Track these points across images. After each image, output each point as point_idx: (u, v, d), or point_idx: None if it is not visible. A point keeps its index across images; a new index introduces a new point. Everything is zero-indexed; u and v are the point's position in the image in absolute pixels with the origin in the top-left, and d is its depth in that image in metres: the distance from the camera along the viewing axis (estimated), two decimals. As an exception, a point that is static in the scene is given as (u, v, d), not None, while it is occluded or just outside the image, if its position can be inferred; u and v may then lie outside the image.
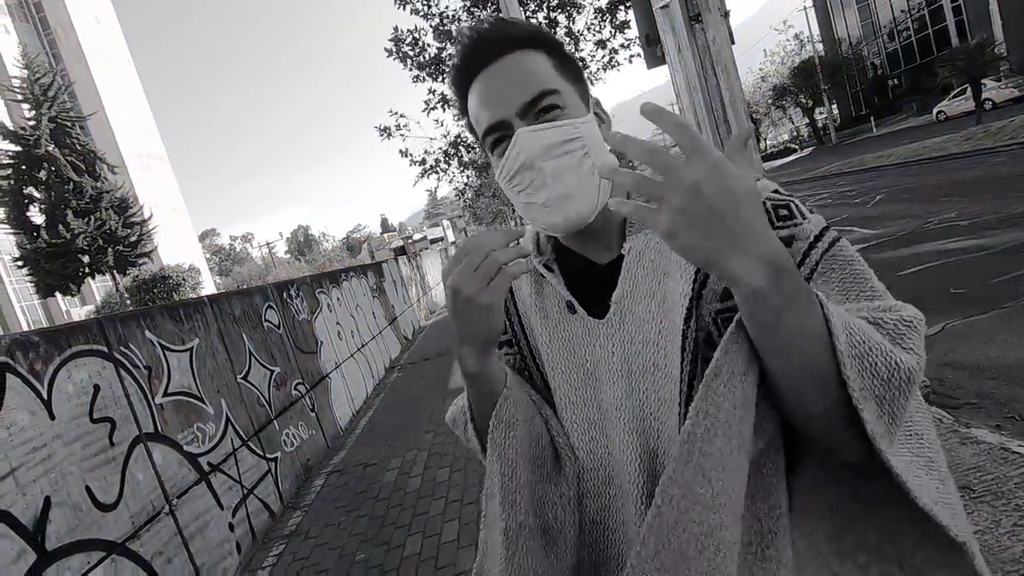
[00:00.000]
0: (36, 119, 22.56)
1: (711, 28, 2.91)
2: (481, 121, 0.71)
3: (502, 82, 0.68)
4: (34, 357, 2.63)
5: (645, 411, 0.68)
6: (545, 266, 0.78)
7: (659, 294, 0.68)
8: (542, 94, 0.67)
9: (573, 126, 0.68)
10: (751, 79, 45.81)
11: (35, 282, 23.08)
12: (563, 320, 0.76)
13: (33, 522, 2.34)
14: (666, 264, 0.69)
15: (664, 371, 0.66)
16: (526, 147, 0.66)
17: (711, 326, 0.64)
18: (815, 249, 0.62)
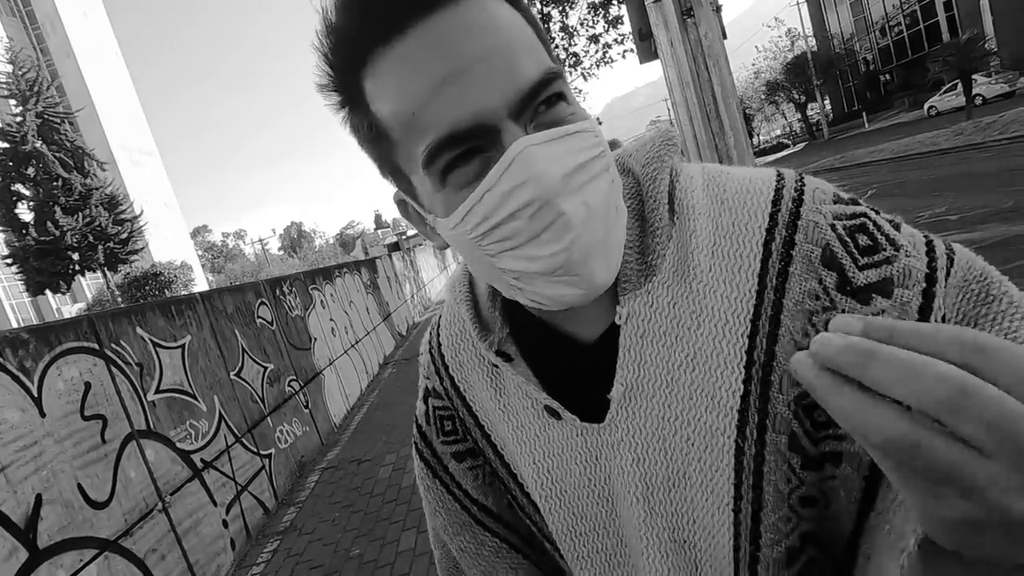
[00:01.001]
0: (23, 115, 22.31)
1: (703, 23, 2.91)
2: (421, 128, 0.39)
3: (471, 49, 0.37)
4: (24, 354, 2.61)
5: (678, 536, 0.46)
6: (500, 353, 0.52)
7: (682, 383, 0.45)
8: (547, 77, 0.39)
9: (594, 133, 0.41)
10: (744, 74, 45.95)
11: (24, 280, 22.89)
12: (545, 428, 0.51)
13: (24, 520, 2.33)
14: (688, 337, 0.45)
15: (699, 487, 0.45)
16: (538, 175, 0.37)
17: (793, 422, 0.41)
18: (936, 291, 0.40)
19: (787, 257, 0.43)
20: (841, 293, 0.41)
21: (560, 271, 0.40)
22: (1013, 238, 5.23)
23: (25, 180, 22.53)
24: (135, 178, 42.40)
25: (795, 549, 0.43)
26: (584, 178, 0.40)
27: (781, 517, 0.42)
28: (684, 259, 0.46)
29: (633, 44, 3.41)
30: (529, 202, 0.38)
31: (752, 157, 2.97)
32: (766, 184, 0.47)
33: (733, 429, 0.43)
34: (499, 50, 0.38)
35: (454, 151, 0.39)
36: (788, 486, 0.42)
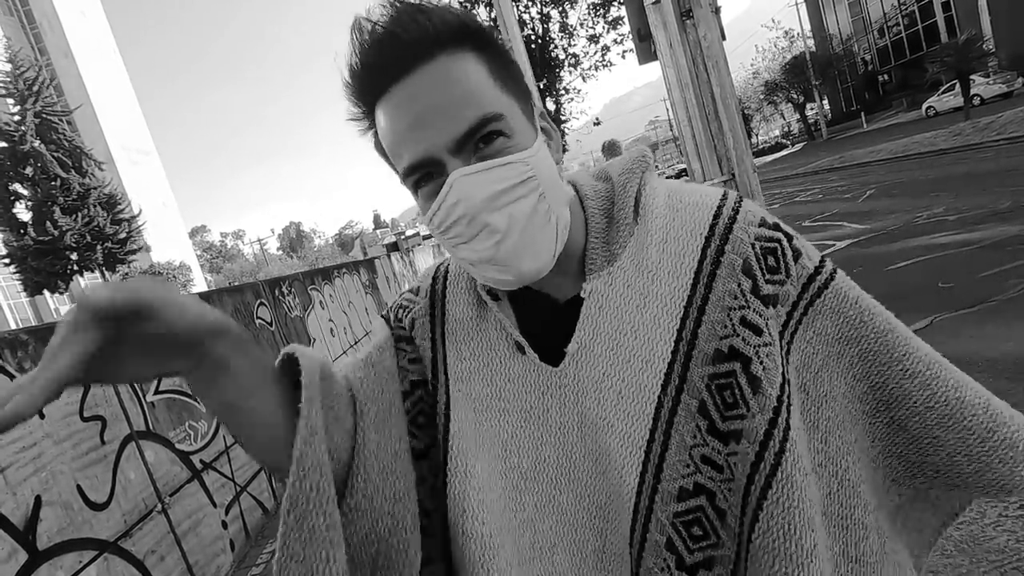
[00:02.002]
0: (21, 114, 22.25)
1: (702, 24, 2.92)
2: (398, 154, 0.55)
3: (426, 104, 0.52)
4: (22, 355, 2.60)
5: (598, 467, 0.57)
6: (491, 293, 0.64)
7: (624, 348, 0.57)
8: (482, 122, 0.52)
9: (524, 163, 0.54)
10: (742, 75, 45.97)
11: (23, 280, 22.82)
12: (509, 358, 0.62)
13: (24, 522, 2.33)
14: (635, 314, 0.58)
15: (619, 433, 0.56)
16: (466, 196, 0.52)
17: (704, 392, 0.55)
18: (796, 309, 0.58)
19: (717, 262, 0.58)
20: (754, 296, 0.57)
21: (493, 262, 0.55)
22: (1011, 238, 5.25)
23: (23, 180, 22.46)
24: (133, 178, 42.31)
25: (687, 491, 0.55)
26: (509, 199, 0.53)
27: (680, 460, 0.55)
28: (640, 251, 0.60)
29: (632, 45, 3.42)
30: (462, 215, 0.53)
31: (751, 157, 2.97)
32: (712, 200, 0.62)
33: (658, 387, 0.56)
34: (447, 103, 0.52)
35: (418, 174, 0.55)
36: (693, 440, 0.55)
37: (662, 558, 0.55)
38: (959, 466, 0.61)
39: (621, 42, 9.83)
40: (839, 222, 8.74)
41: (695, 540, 0.55)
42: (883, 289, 5.33)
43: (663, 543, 0.55)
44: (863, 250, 6.60)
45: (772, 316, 0.56)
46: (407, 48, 0.52)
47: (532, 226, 0.54)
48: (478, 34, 0.55)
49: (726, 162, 2.96)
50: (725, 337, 0.56)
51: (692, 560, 0.55)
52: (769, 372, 0.54)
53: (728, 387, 0.55)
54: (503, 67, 0.56)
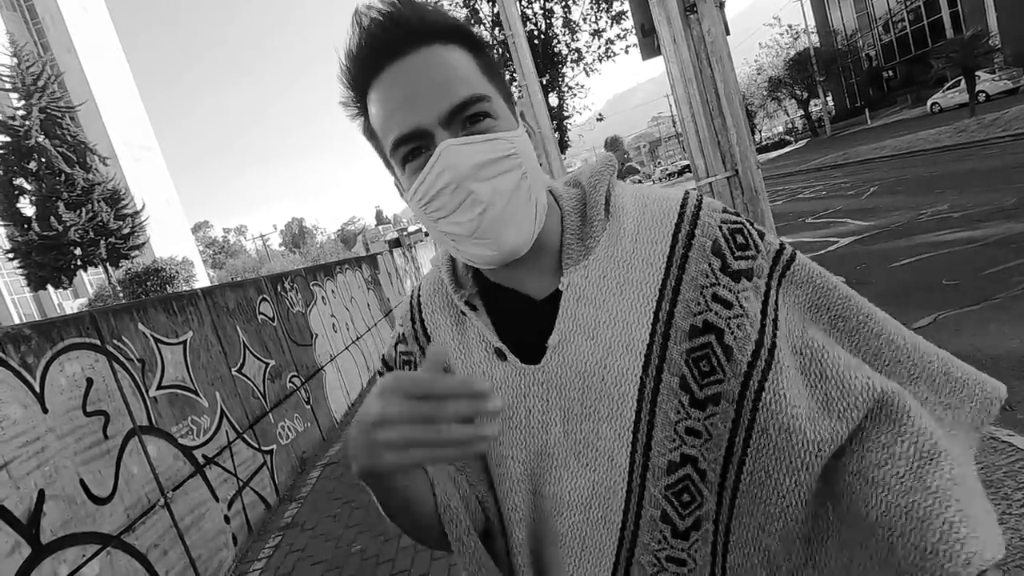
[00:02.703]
0: (27, 109, 22.28)
1: (706, 19, 2.90)
2: (389, 128, 0.58)
3: (420, 81, 0.55)
4: (26, 350, 2.61)
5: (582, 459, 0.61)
6: (468, 303, 0.68)
7: (604, 336, 0.60)
8: (472, 99, 0.56)
9: (508, 140, 0.58)
10: (746, 71, 45.73)
11: (26, 275, 22.90)
12: (490, 366, 0.65)
13: (27, 516, 2.34)
14: (612, 302, 0.61)
15: (605, 418, 0.60)
16: (453, 164, 0.55)
17: (684, 368, 0.59)
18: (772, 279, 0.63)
19: (688, 245, 0.62)
20: (723, 274, 0.61)
21: (475, 234, 0.57)
22: (1016, 236, 5.22)
23: (27, 174, 22.51)
24: (136, 174, 42.37)
25: (675, 463, 0.59)
26: (494, 171, 0.56)
27: (667, 436, 0.59)
28: (614, 244, 0.64)
29: (635, 40, 3.40)
30: (448, 183, 0.56)
31: (754, 154, 2.96)
32: (676, 195, 0.67)
33: (639, 368, 0.59)
34: (438, 82, 0.56)
35: (407, 147, 0.57)
36: (676, 416, 0.59)
37: (658, 531, 0.60)
38: None
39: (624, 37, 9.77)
40: (842, 219, 8.70)
41: (685, 507, 0.60)
42: (886, 286, 5.33)
43: (658, 516, 0.60)
44: (867, 247, 6.58)
45: (745, 289, 0.60)
46: (404, 32, 0.56)
47: (515, 200, 0.58)
48: (470, 36, 0.60)
49: (729, 158, 2.95)
50: (699, 313, 0.60)
51: (684, 526, 0.60)
52: (739, 341, 0.59)
53: (705, 357, 0.59)
54: (491, 66, 0.61)
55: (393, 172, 0.64)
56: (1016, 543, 1.91)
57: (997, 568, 0.50)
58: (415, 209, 0.61)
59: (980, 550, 0.48)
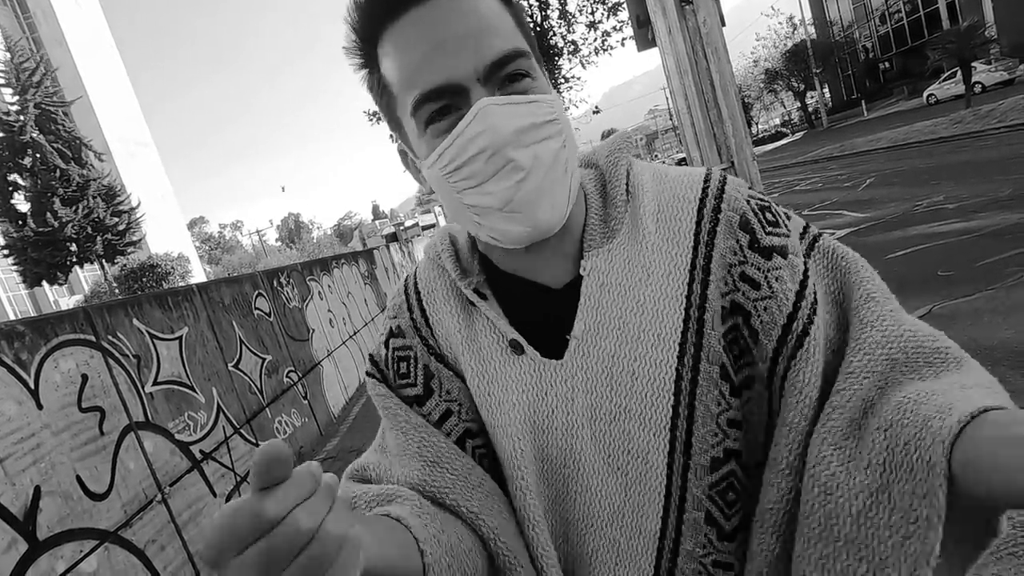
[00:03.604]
0: (21, 105, 22.10)
1: (702, 10, 2.88)
2: (412, 81, 0.50)
3: (453, 28, 0.48)
4: (19, 346, 2.60)
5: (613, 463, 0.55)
6: (476, 291, 0.60)
7: (632, 326, 0.54)
8: (513, 54, 0.49)
9: (550, 104, 0.51)
10: (743, 63, 45.66)
11: (22, 271, 22.78)
12: (505, 362, 0.57)
13: (23, 512, 2.33)
14: (639, 288, 0.55)
15: (638, 416, 0.53)
16: (493, 127, 0.47)
17: (724, 356, 0.53)
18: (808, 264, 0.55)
19: (715, 220, 0.56)
20: (752, 250, 0.54)
21: (509, 207, 0.50)
22: (1012, 226, 5.23)
23: (22, 170, 22.35)
24: (131, 169, 42.13)
25: (719, 459, 0.53)
26: (535, 137, 0.50)
27: (709, 431, 0.53)
28: (636, 226, 0.58)
29: (632, 32, 3.38)
30: (484, 148, 0.48)
31: (750, 145, 2.95)
32: (698, 173, 0.61)
33: (674, 359, 0.53)
34: (474, 31, 0.48)
35: (434, 104, 0.50)
36: (718, 408, 0.53)
37: (703, 534, 0.54)
38: None
39: (620, 29, 9.74)
40: (839, 211, 8.71)
41: (731, 506, 0.54)
42: (882, 277, 5.31)
43: (702, 519, 0.54)
44: (863, 239, 6.59)
45: (778, 268, 0.53)
46: None
47: (554, 171, 0.51)
48: None
49: (725, 150, 2.94)
50: (727, 294, 0.54)
51: (731, 527, 0.54)
52: (766, 325, 0.52)
53: (735, 341, 0.54)
54: (523, 20, 0.54)
55: (401, 135, 0.57)
56: (1009, 531, 1.92)
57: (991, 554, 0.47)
58: (434, 177, 0.53)
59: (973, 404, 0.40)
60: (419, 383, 0.61)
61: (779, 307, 0.52)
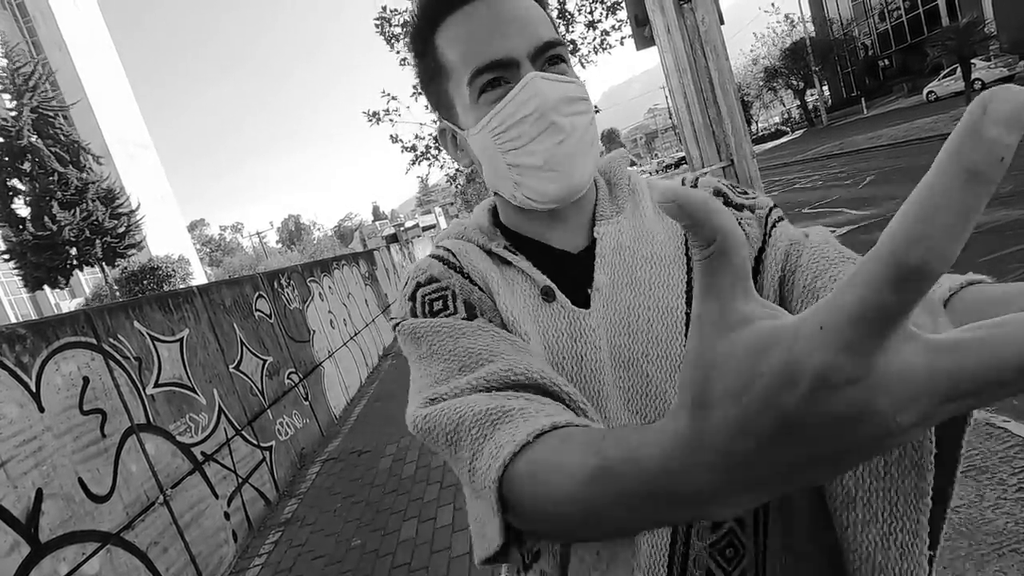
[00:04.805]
0: (18, 109, 22.12)
1: (700, 8, 2.88)
2: (472, 55, 0.59)
3: (509, 14, 0.59)
4: (21, 350, 2.60)
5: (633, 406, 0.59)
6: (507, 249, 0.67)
7: (643, 280, 0.62)
8: (555, 41, 0.61)
9: (582, 86, 0.63)
10: (742, 61, 45.61)
11: (22, 275, 22.80)
12: (537, 308, 0.62)
13: (25, 515, 2.34)
14: (645, 248, 0.64)
15: (655, 359, 0.59)
16: (541, 93, 0.58)
17: None
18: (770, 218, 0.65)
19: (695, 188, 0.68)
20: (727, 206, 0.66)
21: (548, 164, 0.60)
22: (1012, 222, 5.23)
23: (21, 175, 22.36)
24: (131, 172, 42.15)
25: None
26: (573, 109, 0.60)
27: None
28: (637, 207, 0.69)
29: (630, 31, 3.38)
30: (533, 111, 0.58)
31: (750, 144, 2.95)
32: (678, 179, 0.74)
33: (683, 304, 0.60)
34: (528, 19, 0.59)
35: (490, 75, 0.59)
36: None
37: None
38: None
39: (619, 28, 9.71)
40: (839, 208, 8.70)
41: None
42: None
43: None
44: (863, 236, 6.58)
45: (748, 219, 0.65)
46: None
47: (584, 140, 0.61)
48: None
49: (724, 148, 2.94)
50: None
51: None
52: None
53: None
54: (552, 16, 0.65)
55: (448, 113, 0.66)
56: (1011, 527, 1.92)
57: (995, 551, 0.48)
58: (481, 142, 0.62)
59: None
60: (461, 311, 0.61)
61: (752, 244, 0.63)
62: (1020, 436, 2.35)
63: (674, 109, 3.11)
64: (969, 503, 2.08)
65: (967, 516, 2.03)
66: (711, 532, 0.58)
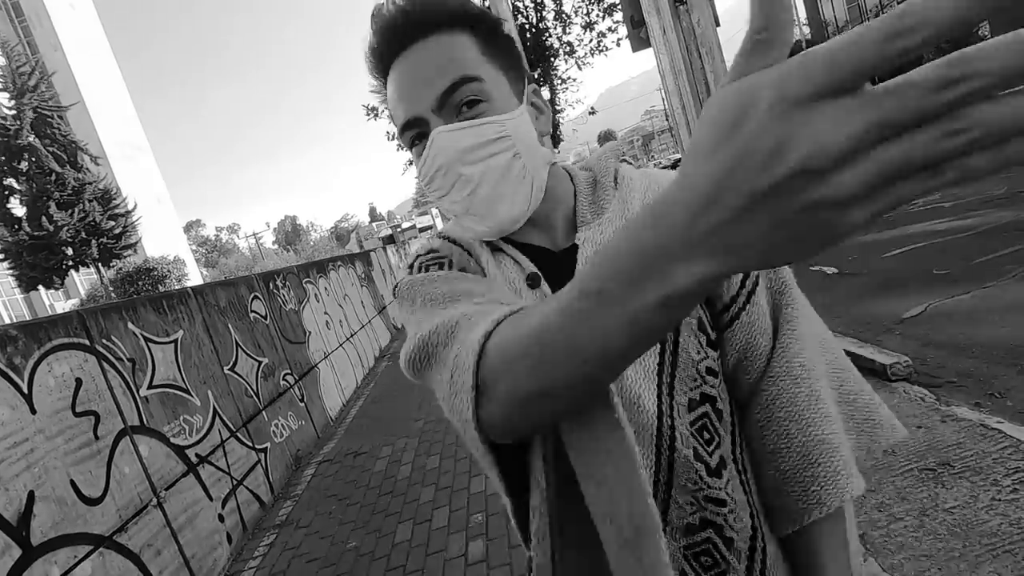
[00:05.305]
0: (17, 109, 22.04)
1: (696, 10, 2.89)
2: (396, 117, 0.63)
3: (417, 71, 0.60)
4: (12, 351, 2.58)
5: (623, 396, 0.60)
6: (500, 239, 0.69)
7: None
8: (460, 81, 0.59)
9: (499, 123, 0.60)
10: (739, 63, 45.74)
11: (17, 276, 22.69)
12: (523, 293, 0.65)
13: (17, 517, 2.32)
14: None
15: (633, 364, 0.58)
16: (443, 149, 0.59)
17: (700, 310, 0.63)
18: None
19: None
20: None
21: (469, 212, 0.63)
22: (1006, 225, 5.25)
23: (17, 175, 22.28)
24: (127, 173, 42.02)
25: (695, 401, 0.62)
26: (483, 153, 0.60)
27: (688, 375, 0.61)
28: (623, 205, 0.67)
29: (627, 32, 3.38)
30: (440, 167, 0.61)
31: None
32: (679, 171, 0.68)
33: None
34: (431, 72, 0.59)
35: (411, 132, 0.62)
36: (697, 356, 0.62)
37: (694, 470, 0.60)
38: None
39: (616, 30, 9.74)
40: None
41: (708, 444, 0.61)
42: (879, 276, 5.34)
43: (691, 456, 0.60)
44: (859, 238, 6.60)
45: None
46: (410, 26, 0.60)
47: (506, 180, 0.61)
48: (475, 17, 0.62)
49: (720, 149, 2.95)
50: None
51: (714, 463, 0.61)
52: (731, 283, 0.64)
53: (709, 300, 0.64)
54: (494, 44, 0.63)
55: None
56: (1005, 528, 1.92)
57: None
58: (422, 186, 0.66)
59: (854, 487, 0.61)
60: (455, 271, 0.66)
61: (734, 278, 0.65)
62: (1014, 437, 2.36)
63: (670, 110, 3.11)
64: (963, 504, 2.08)
65: (961, 517, 2.03)
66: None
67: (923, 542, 1.97)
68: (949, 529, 1.99)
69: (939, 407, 2.73)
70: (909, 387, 3.03)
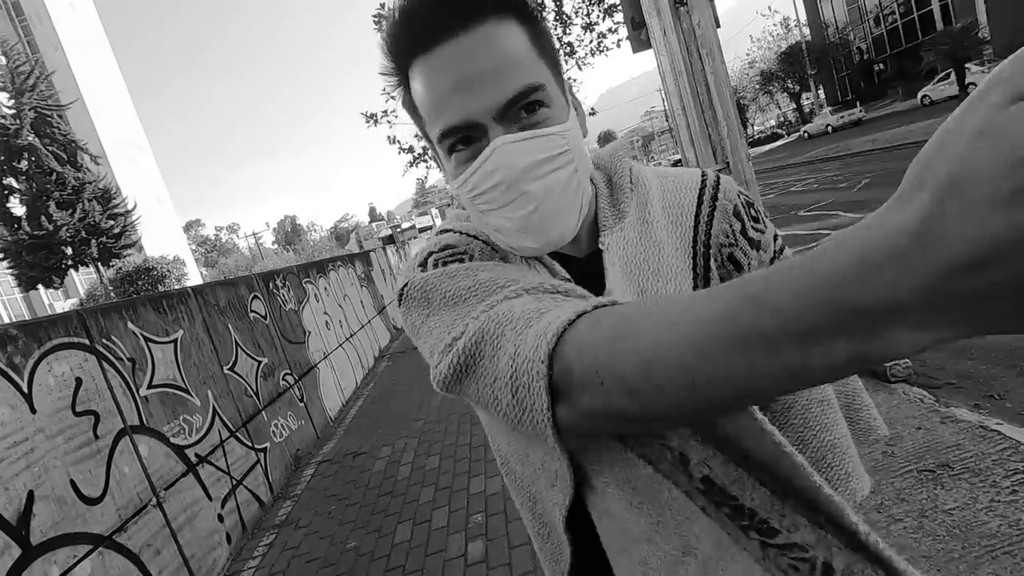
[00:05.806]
0: (17, 108, 22.02)
1: (696, 11, 2.89)
2: (437, 116, 0.55)
3: (473, 67, 0.51)
4: (12, 350, 2.58)
5: None
6: None
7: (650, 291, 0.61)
8: (528, 90, 0.53)
9: (561, 135, 0.55)
10: (738, 64, 45.82)
11: (16, 275, 22.68)
12: None
13: (16, 517, 2.32)
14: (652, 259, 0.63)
15: None
16: (507, 164, 0.53)
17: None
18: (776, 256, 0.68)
19: (713, 206, 0.67)
20: (743, 237, 0.67)
21: (523, 229, 0.56)
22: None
23: (17, 174, 22.27)
24: (126, 173, 42.00)
25: None
26: (548, 168, 0.55)
27: None
28: (643, 208, 0.66)
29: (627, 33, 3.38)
30: (500, 181, 0.54)
31: (745, 146, 2.96)
32: (695, 170, 0.71)
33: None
34: (492, 70, 0.52)
35: (456, 137, 0.55)
36: None
37: None
38: None
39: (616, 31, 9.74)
40: (834, 211, 8.73)
41: None
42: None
43: None
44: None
45: (755, 258, 0.67)
46: (458, 7, 0.52)
47: (564, 197, 0.56)
48: (523, 4, 0.55)
49: (720, 151, 2.95)
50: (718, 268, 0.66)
51: None
52: None
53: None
54: (542, 38, 0.57)
55: (433, 148, 0.62)
56: (1004, 530, 1.93)
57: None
58: (462, 196, 0.58)
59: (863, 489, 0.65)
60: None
61: None
62: (1013, 439, 2.36)
63: (670, 112, 3.11)
64: (962, 505, 2.08)
65: (960, 518, 2.03)
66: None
67: (922, 543, 1.97)
68: (948, 530, 1.99)
69: (938, 408, 2.73)
70: (908, 388, 3.03)
